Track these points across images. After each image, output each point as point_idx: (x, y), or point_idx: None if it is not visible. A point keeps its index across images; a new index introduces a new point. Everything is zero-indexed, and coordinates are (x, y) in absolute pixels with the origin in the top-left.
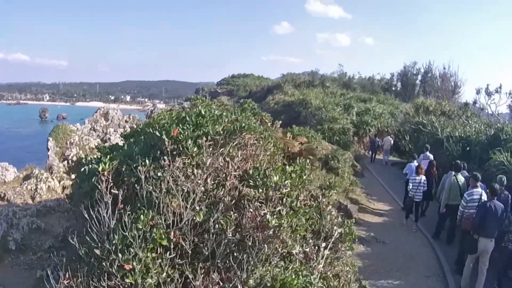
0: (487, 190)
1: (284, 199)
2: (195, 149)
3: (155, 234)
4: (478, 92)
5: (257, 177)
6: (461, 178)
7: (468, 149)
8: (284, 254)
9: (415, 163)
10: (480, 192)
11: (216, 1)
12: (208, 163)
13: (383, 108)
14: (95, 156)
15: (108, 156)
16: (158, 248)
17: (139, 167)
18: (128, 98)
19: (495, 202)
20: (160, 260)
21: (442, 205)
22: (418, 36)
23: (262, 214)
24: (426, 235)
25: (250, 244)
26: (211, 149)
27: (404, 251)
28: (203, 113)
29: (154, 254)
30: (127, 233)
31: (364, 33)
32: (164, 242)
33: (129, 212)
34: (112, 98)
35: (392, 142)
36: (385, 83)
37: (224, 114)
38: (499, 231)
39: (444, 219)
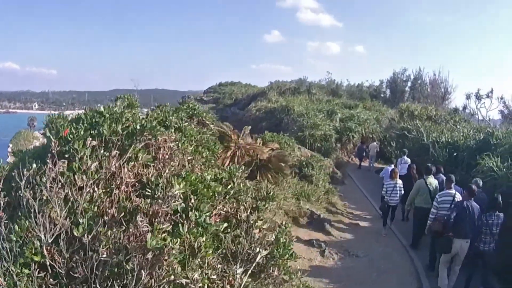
0: (464, 192)
1: (191, 213)
2: (86, 151)
3: (26, 248)
4: (468, 97)
5: (157, 185)
6: (432, 181)
7: (455, 154)
8: (175, 283)
9: (393, 166)
10: (453, 194)
11: (208, 10)
12: (93, 167)
13: (369, 114)
14: None
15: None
16: (32, 264)
17: (23, 171)
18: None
19: (472, 203)
20: (27, 279)
21: (407, 204)
22: (409, 44)
23: (141, 232)
24: (402, 241)
25: (129, 268)
26: (103, 151)
27: (378, 264)
28: (102, 111)
29: (27, 270)
30: None
31: (355, 41)
32: (37, 258)
33: (6, 221)
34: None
35: (378, 148)
36: (373, 90)
37: (127, 111)
38: (474, 232)
39: (418, 225)
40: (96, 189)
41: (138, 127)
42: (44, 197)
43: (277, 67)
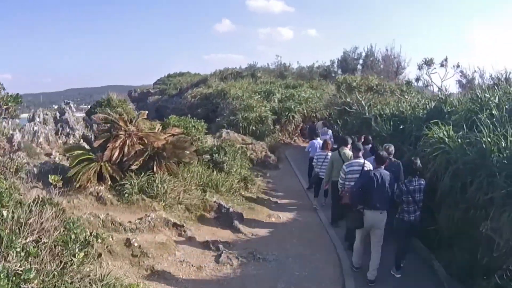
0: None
1: None
2: None
3: None
4: (420, 67)
5: None
6: (347, 152)
7: (401, 127)
8: None
9: (319, 140)
10: (361, 163)
11: (155, 3)
12: None
13: (311, 93)
14: None
15: None
16: None
17: None
18: (72, 104)
19: (381, 171)
20: None
21: (324, 180)
22: (362, 23)
23: None
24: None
25: None
26: None
27: (291, 270)
28: None
29: None
30: None
31: (308, 25)
32: None
33: None
34: (56, 107)
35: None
36: (323, 70)
37: None
38: (389, 202)
39: (336, 200)
40: None
41: None
42: None
43: (229, 56)
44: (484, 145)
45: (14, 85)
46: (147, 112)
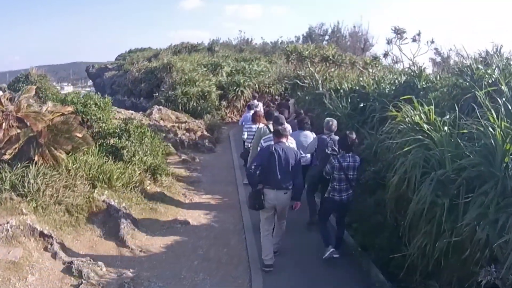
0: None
1: None
2: None
3: None
4: (389, 42)
5: None
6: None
7: (362, 105)
8: None
9: (251, 112)
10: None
11: None
12: None
13: (265, 66)
14: None
15: None
16: None
17: None
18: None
19: (284, 146)
20: None
21: (250, 155)
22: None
23: None
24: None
25: None
26: None
27: None
28: None
29: None
30: None
31: (275, 2)
32: None
33: None
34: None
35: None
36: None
37: None
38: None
39: None
40: None
41: None
42: None
43: (195, 33)
44: (492, 141)
45: None
46: (35, 87)
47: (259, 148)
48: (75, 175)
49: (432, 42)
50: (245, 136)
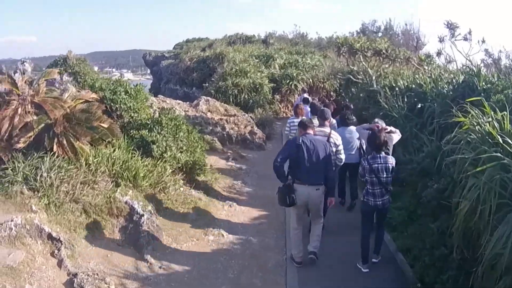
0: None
1: None
2: None
3: None
4: (441, 40)
5: None
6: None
7: (419, 106)
8: None
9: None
10: (326, 133)
11: None
12: None
13: (318, 60)
14: None
15: None
16: None
17: None
18: (96, 68)
19: (312, 138)
20: None
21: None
22: None
23: None
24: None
25: None
26: None
27: None
28: None
29: None
30: None
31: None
32: None
33: None
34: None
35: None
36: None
37: None
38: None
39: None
40: None
41: None
42: None
43: (251, 26)
44: None
45: (40, 47)
46: (57, 70)
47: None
48: (95, 171)
49: (483, 41)
50: (287, 131)
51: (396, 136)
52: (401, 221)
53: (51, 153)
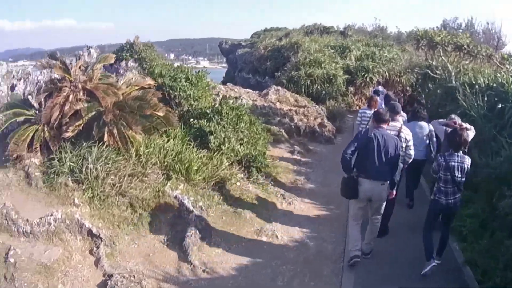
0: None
1: None
2: None
3: None
4: None
5: None
6: None
7: (500, 107)
8: None
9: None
10: (397, 127)
11: None
12: None
13: (395, 53)
14: None
15: None
16: None
17: None
18: (172, 56)
19: (384, 132)
20: None
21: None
22: None
23: None
24: None
25: None
26: None
27: None
28: None
29: None
30: None
31: None
32: None
33: None
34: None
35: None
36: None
37: None
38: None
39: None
40: None
41: None
42: None
43: (330, 17)
44: None
45: (116, 35)
46: (114, 56)
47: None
48: (145, 162)
49: None
50: (359, 121)
51: (471, 133)
52: (472, 230)
53: (100, 143)
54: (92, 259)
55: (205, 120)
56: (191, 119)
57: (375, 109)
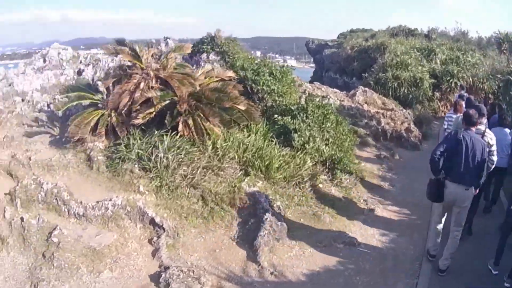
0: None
1: None
2: None
3: None
4: None
5: None
6: None
7: None
8: None
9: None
10: (480, 131)
11: None
12: None
13: (478, 58)
14: None
15: None
16: None
17: None
18: (258, 53)
19: (473, 135)
20: None
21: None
22: None
23: None
24: None
25: None
26: None
27: None
28: None
29: None
30: None
31: None
32: None
33: None
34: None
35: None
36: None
37: None
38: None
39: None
40: None
41: None
42: None
43: (412, 20)
44: None
45: (198, 30)
46: (191, 45)
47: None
48: (222, 156)
49: None
50: (445, 126)
51: None
52: None
53: (173, 133)
54: (150, 249)
55: (290, 117)
56: (275, 115)
57: (460, 113)
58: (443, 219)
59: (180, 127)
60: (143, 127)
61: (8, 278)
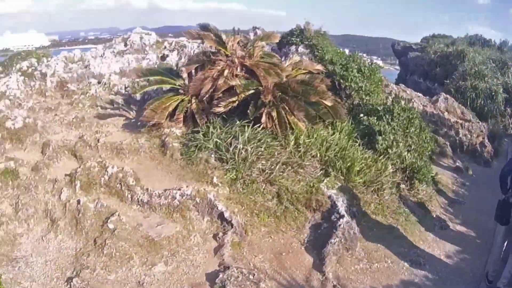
0: None
1: None
2: None
3: None
4: None
5: None
6: None
7: None
8: None
9: None
10: None
11: None
12: None
13: None
14: None
15: None
16: None
17: None
18: (347, 51)
19: None
20: None
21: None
22: None
23: None
24: None
25: None
26: None
27: None
28: None
29: None
30: None
31: None
32: None
33: None
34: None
35: None
36: None
37: None
38: None
39: None
40: None
41: None
42: None
43: (487, 30)
44: None
45: (287, 24)
46: (279, 35)
47: None
48: (304, 153)
49: None
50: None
51: None
52: None
53: (255, 125)
54: (213, 245)
55: (375, 118)
56: (361, 115)
57: None
58: (505, 244)
59: (263, 118)
60: (224, 115)
61: (49, 262)
